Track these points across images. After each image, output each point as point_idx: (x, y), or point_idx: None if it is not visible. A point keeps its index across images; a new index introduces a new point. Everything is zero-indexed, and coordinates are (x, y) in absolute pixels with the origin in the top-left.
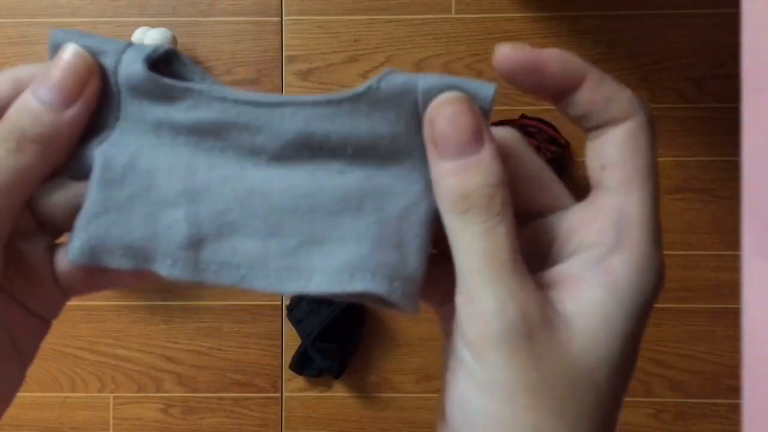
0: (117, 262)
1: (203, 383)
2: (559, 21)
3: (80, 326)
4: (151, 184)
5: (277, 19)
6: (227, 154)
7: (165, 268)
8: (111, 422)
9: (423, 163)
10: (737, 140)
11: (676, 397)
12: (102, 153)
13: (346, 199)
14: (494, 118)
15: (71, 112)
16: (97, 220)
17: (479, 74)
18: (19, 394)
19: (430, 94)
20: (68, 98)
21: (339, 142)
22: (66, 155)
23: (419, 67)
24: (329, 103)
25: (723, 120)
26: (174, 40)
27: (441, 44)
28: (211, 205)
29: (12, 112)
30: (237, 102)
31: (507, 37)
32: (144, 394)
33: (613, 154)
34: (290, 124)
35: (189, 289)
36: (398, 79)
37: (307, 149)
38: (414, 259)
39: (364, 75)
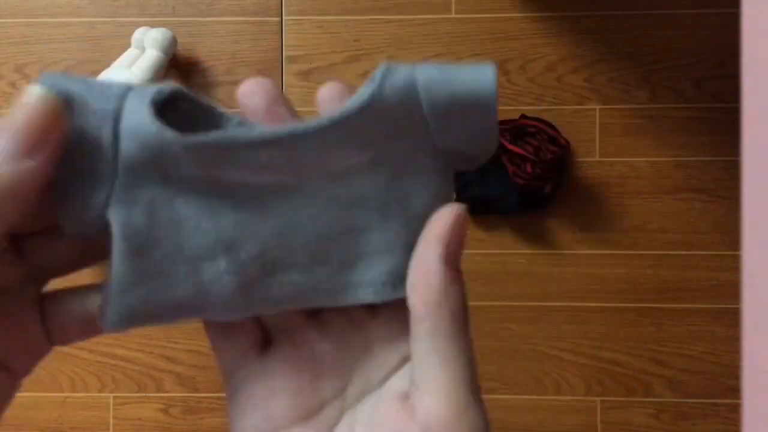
0: (163, 320)
1: (203, 383)
2: (559, 21)
3: None
4: (180, 241)
5: (277, 19)
6: (246, 191)
7: (217, 315)
8: (111, 422)
9: (435, 156)
10: (737, 140)
11: (676, 397)
12: (117, 217)
13: (371, 212)
14: None
15: (37, 163)
16: (134, 289)
17: None
18: (19, 394)
19: (431, 89)
20: (29, 148)
21: (354, 157)
22: (30, 206)
23: None
24: (335, 124)
25: (723, 120)
26: (174, 40)
27: (441, 44)
28: (249, 249)
29: None
30: (247, 146)
31: (507, 37)
32: (144, 394)
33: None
34: (303, 156)
35: None
36: (398, 79)
37: (325, 173)
38: None
39: (365, 75)
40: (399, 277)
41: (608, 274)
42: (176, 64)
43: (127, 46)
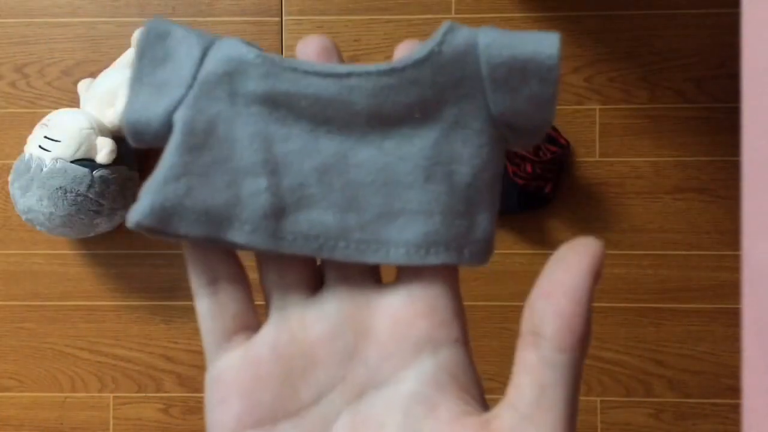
0: (187, 227)
1: (203, 383)
2: (559, 21)
3: (80, 326)
4: (231, 153)
5: (277, 19)
6: (300, 124)
7: (243, 235)
8: (111, 422)
9: (489, 123)
10: (737, 140)
11: (676, 397)
12: (183, 116)
13: (416, 169)
14: None
15: None
16: (177, 182)
17: None
18: (19, 394)
19: (491, 50)
20: None
21: (406, 109)
22: None
23: None
24: (393, 71)
25: (723, 120)
26: None
27: None
28: (291, 177)
29: None
30: (307, 73)
31: None
32: (144, 394)
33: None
34: (358, 95)
35: (189, 289)
36: (459, 39)
37: (376, 118)
38: (483, 223)
39: None
40: (434, 243)
41: (608, 274)
42: None
43: (127, 46)
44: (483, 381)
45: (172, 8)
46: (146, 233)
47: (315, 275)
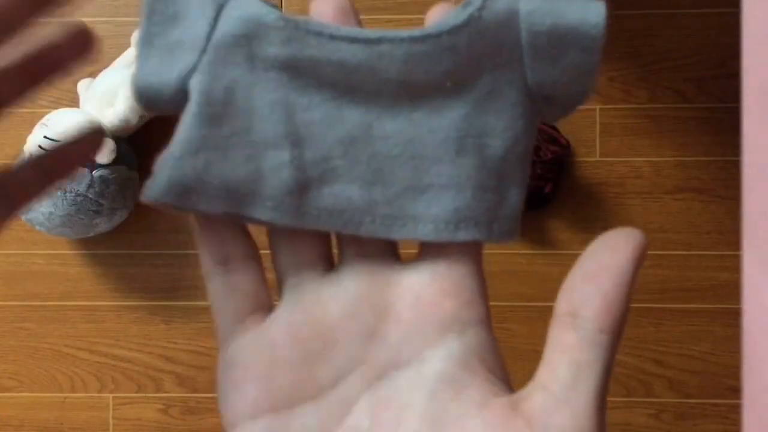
0: (207, 203)
1: (203, 383)
2: None
3: (80, 326)
4: (251, 124)
5: None
6: (323, 92)
7: (265, 212)
8: (111, 422)
9: (525, 94)
10: (737, 140)
11: (676, 397)
12: (199, 84)
13: (446, 142)
14: None
15: None
16: (195, 156)
17: None
18: (18, 395)
19: (534, 17)
20: None
21: (438, 78)
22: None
23: None
24: (428, 38)
25: (723, 120)
26: None
27: None
28: (314, 149)
29: None
30: (333, 37)
31: None
32: (144, 395)
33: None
34: (388, 62)
35: (189, 289)
36: (500, 4)
37: (405, 87)
38: (513, 198)
39: None
40: (464, 218)
41: None
42: None
43: (127, 45)
44: None
45: None
46: (161, 208)
47: (330, 252)
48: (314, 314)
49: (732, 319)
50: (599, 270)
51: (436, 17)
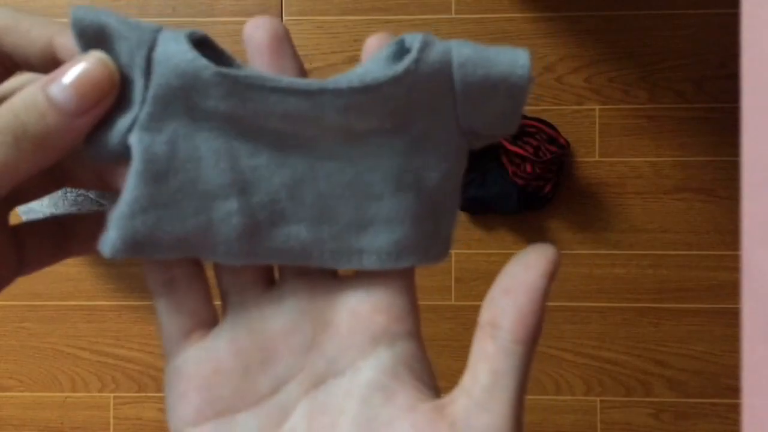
0: (163, 254)
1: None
2: (559, 21)
3: (80, 326)
4: (197, 175)
5: (277, 19)
6: (267, 138)
7: (218, 256)
8: (111, 422)
9: (457, 132)
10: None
11: (676, 397)
12: (140, 142)
13: (385, 179)
14: None
15: (81, 122)
16: (144, 214)
17: None
18: (19, 394)
19: (465, 68)
20: (82, 107)
21: (378, 123)
22: (61, 156)
23: None
24: (367, 89)
25: (723, 120)
26: None
27: None
28: (261, 193)
29: (17, 103)
30: (274, 90)
31: (507, 37)
32: (144, 394)
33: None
34: (329, 111)
35: None
36: (434, 56)
37: (346, 132)
38: (447, 223)
39: None
40: (404, 248)
41: (608, 274)
42: None
43: None
44: None
45: (172, 9)
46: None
47: (271, 272)
48: (256, 328)
49: (731, 319)
50: (515, 285)
51: (373, 49)
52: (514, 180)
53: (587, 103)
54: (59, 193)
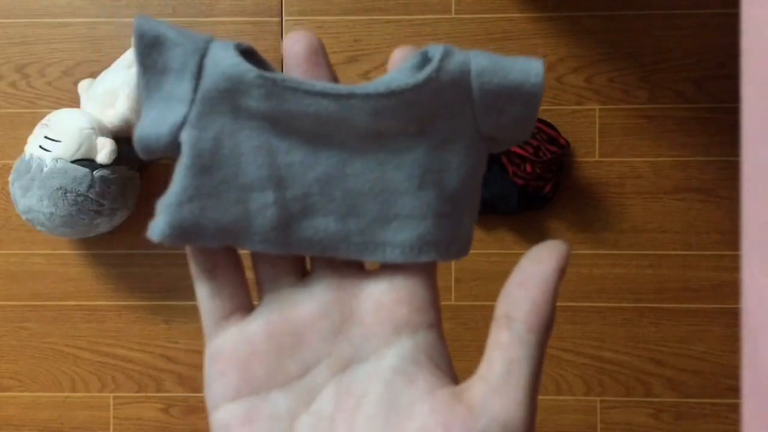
0: (204, 241)
1: (203, 383)
2: (559, 21)
3: (80, 326)
4: (238, 169)
5: (277, 19)
6: (301, 137)
7: (254, 245)
8: (111, 422)
9: (476, 137)
10: (737, 140)
11: (676, 397)
12: (189, 137)
13: (409, 178)
14: None
15: None
16: (191, 203)
17: None
18: (19, 394)
19: (483, 77)
20: None
21: (401, 126)
22: None
23: None
24: (392, 95)
25: (723, 120)
26: None
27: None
28: (295, 189)
29: None
30: (308, 93)
31: (507, 38)
32: (144, 394)
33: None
34: (357, 114)
35: (190, 289)
36: (454, 65)
37: (372, 133)
38: (467, 222)
39: (365, 75)
40: (426, 243)
41: (608, 274)
42: None
43: (128, 46)
44: None
45: (172, 9)
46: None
47: (303, 264)
48: (288, 314)
49: (731, 319)
50: (528, 278)
51: (399, 61)
52: (514, 180)
53: (587, 103)
54: (59, 193)
